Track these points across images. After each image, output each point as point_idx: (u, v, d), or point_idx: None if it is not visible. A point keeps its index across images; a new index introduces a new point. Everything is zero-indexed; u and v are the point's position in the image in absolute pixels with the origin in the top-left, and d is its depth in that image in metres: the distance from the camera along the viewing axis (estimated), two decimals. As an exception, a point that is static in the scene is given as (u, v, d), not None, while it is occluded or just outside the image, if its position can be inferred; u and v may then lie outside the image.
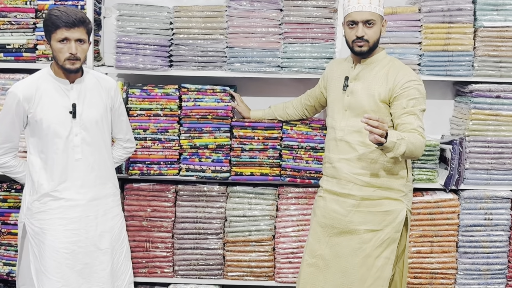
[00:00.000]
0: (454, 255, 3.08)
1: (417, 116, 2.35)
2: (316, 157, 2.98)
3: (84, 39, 2.33)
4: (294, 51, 2.98)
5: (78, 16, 2.30)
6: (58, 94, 2.39)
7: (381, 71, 2.47)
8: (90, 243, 2.45)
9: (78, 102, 2.41)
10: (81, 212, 2.43)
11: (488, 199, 3.06)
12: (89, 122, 2.44)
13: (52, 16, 2.29)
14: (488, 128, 3.05)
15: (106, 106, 2.52)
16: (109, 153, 2.58)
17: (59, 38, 2.29)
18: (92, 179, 2.46)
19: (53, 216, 2.40)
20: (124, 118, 2.66)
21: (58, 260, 2.39)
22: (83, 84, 2.45)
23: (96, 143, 2.47)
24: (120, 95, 2.63)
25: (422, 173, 3.06)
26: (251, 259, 3.08)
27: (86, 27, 2.34)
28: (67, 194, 2.41)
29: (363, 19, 2.41)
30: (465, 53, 3.00)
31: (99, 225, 2.48)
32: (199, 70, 3.00)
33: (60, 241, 2.40)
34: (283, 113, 2.98)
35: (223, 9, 2.97)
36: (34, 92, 2.37)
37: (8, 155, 2.48)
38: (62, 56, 2.31)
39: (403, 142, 2.20)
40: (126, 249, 2.64)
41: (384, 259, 2.48)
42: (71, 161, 2.41)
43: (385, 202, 2.48)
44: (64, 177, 2.41)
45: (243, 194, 3.08)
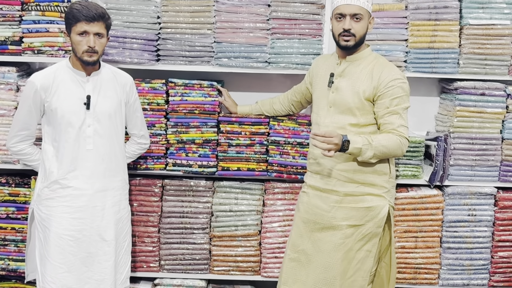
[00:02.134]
0: (438, 250, 3.11)
1: (399, 115, 2.38)
2: (302, 152, 2.99)
3: (102, 34, 2.42)
4: (281, 47, 2.98)
5: (98, 11, 2.38)
6: (74, 85, 2.47)
7: (366, 68, 2.49)
8: (95, 232, 2.51)
9: (93, 94, 2.48)
10: (88, 202, 2.49)
11: (472, 195, 3.10)
12: (102, 114, 2.50)
13: (73, 10, 2.38)
14: (473, 125, 3.08)
15: (121, 100, 2.58)
16: (121, 147, 2.63)
17: (78, 31, 2.37)
18: (101, 170, 2.52)
19: (60, 204, 2.47)
20: (139, 114, 2.72)
21: (62, 246, 2.46)
22: (99, 77, 2.51)
23: (108, 135, 2.52)
24: (135, 91, 2.69)
25: (407, 169, 3.08)
26: (237, 254, 3.09)
27: (106, 22, 2.43)
28: (75, 182, 2.48)
29: (351, 12, 2.42)
30: (451, 51, 3.02)
31: (105, 216, 2.53)
32: (186, 65, 3.00)
33: (65, 228, 2.46)
34: (270, 108, 2.99)
35: (211, 4, 2.96)
36: (51, 82, 2.44)
37: (24, 143, 2.56)
38: (81, 49, 2.39)
39: (370, 147, 2.30)
40: (128, 243, 2.69)
41: (365, 252, 2.51)
42: (82, 151, 2.47)
43: (367, 198, 2.51)
44: (74, 166, 2.47)
45: (229, 189, 3.09)
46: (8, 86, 2.91)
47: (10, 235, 3.00)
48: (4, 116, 2.92)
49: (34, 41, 2.90)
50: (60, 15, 2.88)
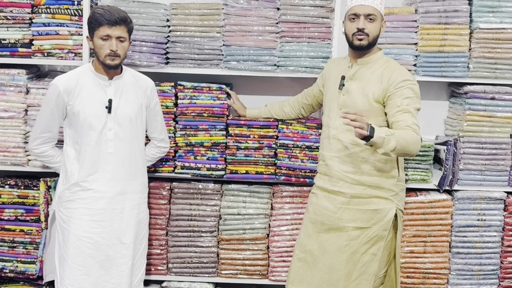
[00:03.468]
0: (447, 255, 3.10)
1: (411, 114, 2.34)
2: (311, 156, 2.98)
3: (124, 37, 2.45)
4: (290, 50, 2.98)
5: (120, 15, 2.41)
6: (97, 88, 2.49)
7: (377, 71, 2.49)
8: (114, 235, 2.52)
9: (115, 98, 2.50)
10: (107, 205, 2.51)
11: (481, 200, 3.08)
12: (123, 118, 2.52)
13: (96, 14, 2.41)
14: (483, 129, 3.06)
15: (142, 104, 2.60)
16: (142, 151, 2.65)
17: (101, 35, 2.40)
18: (121, 173, 2.54)
19: (80, 206, 2.49)
20: (159, 118, 2.74)
21: (81, 248, 2.47)
22: (121, 81, 2.54)
23: (128, 139, 2.55)
24: (156, 95, 2.72)
25: (416, 173, 3.07)
26: (245, 257, 3.08)
27: (128, 26, 2.46)
28: (95, 185, 2.50)
29: (365, 12, 2.44)
30: (461, 55, 3.01)
31: (124, 219, 2.55)
32: (195, 68, 3.00)
33: (84, 231, 2.48)
34: (279, 111, 2.99)
35: (220, 7, 2.97)
36: (74, 85, 2.47)
37: (46, 145, 2.59)
38: (103, 52, 2.42)
39: (393, 138, 2.18)
40: (144, 247, 2.70)
41: (370, 255, 2.50)
42: (103, 154, 2.49)
43: (374, 201, 2.50)
44: (95, 168, 2.49)
45: (237, 192, 3.08)
46: (17, 88, 2.92)
47: (19, 237, 3.00)
48: (14, 118, 2.93)
49: (44, 44, 2.91)
50: (70, 17, 2.89)
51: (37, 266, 3.00)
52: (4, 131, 2.95)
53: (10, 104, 2.93)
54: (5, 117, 2.93)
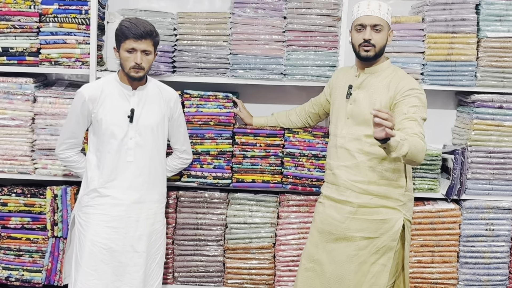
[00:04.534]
0: (455, 265, 3.07)
1: (417, 123, 2.32)
2: (318, 164, 2.97)
3: (150, 51, 2.48)
4: (297, 59, 2.98)
5: (146, 29, 2.44)
6: (120, 98, 2.53)
7: (384, 80, 2.48)
8: (128, 243, 2.54)
9: (137, 108, 2.53)
10: (124, 212, 2.53)
11: (489, 209, 3.06)
12: (145, 128, 2.55)
13: (123, 27, 2.44)
14: (490, 138, 3.05)
15: (164, 115, 2.63)
16: (162, 161, 2.66)
17: (127, 48, 2.44)
18: (139, 182, 2.56)
19: (97, 212, 2.52)
20: (182, 129, 2.76)
21: (95, 254, 2.50)
22: (145, 92, 2.57)
23: (149, 149, 2.57)
24: (180, 106, 2.74)
25: (424, 183, 3.05)
26: (251, 267, 3.07)
27: (153, 40, 2.49)
28: (113, 192, 2.52)
29: (371, 23, 2.43)
30: (468, 63, 3.00)
31: (139, 228, 2.56)
32: (202, 76, 3.00)
33: (100, 236, 2.50)
34: (286, 120, 2.98)
35: (227, 16, 2.97)
36: (99, 94, 2.52)
37: (71, 150, 2.64)
38: (128, 65, 2.45)
39: (406, 143, 2.14)
40: (161, 257, 2.70)
41: (380, 265, 2.48)
42: (122, 162, 2.52)
43: (382, 211, 2.48)
44: (114, 176, 2.52)
45: (244, 201, 3.07)
46: (25, 97, 2.93)
47: (25, 245, 3.00)
48: (21, 126, 2.94)
49: (52, 52, 2.93)
50: (77, 26, 2.91)
51: (43, 274, 3.00)
52: (11, 139, 2.96)
53: (18, 112, 2.94)
54: (12, 126, 2.94)
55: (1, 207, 3.00)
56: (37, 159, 2.98)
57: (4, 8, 2.90)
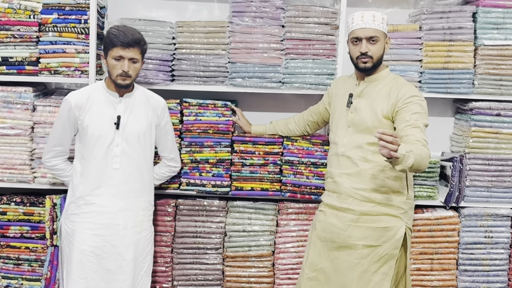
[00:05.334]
0: (454, 272, 3.07)
1: (420, 129, 2.32)
2: (316, 172, 2.98)
3: (137, 59, 2.49)
4: (295, 67, 2.99)
5: (134, 37, 2.45)
6: (107, 105, 2.53)
7: (384, 88, 2.49)
8: (115, 251, 2.53)
9: (124, 115, 2.53)
10: (110, 220, 2.53)
11: (488, 216, 3.06)
12: (131, 135, 2.55)
13: (110, 35, 2.45)
14: (489, 145, 3.05)
15: (151, 123, 2.63)
16: (149, 169, 2.66)
17: (114, 55, 2.45)
18: (126, 190, 2.55)
19: (83, 220, 2.52)
20: (169, 137, 2.76)
21: (83, 262, 2.49)
22: (132, 99, 2.58)
23: (135, 156, 2.57)
24: (167, 114, 2.74)
25: (423, 190, 3.06)
26: (250, 275, 3.07)
27: (141, 48, 2.49)
28: (99, 200, 2.52)
29: (366, 35, 2.44)
30: (466, 71, 3.01)
31: (126, 236, 2.56)
32: (200, 85, 3.02)
33: (87, 244, 2.50)
34: (284, 128, 2.99)
35: (225, 25, 2.99)
36: (85, 101, 2.52)
37: (58, 158, 2.65)
38: (115, 72, 2.46)
39: (412, 154, 2.12)
40: (148, 265, 2.69)
41: (381, 274, 2.47)
42: (108, 170, 2.52)
43: (384, 218, 2.48)
44: (99, 183, 2.51)
45: (243, 209, 3.07)
46: (24, 106, 2.94)
47: (24, 254, 3.00)
48: (20, 135, 2.94)
49: (51, 62, 2.94)
50: (76, 36, 2.92)
51: (42, 283, 3.00)
52: (11, 148, 2.96)
53: (17, 121, 2.94)
54: (12, 135, 2.94)
55: (0, 216, 2.99)
56: (36, 168, 2.98)
57: (4, 18, 2.92)
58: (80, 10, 2.93)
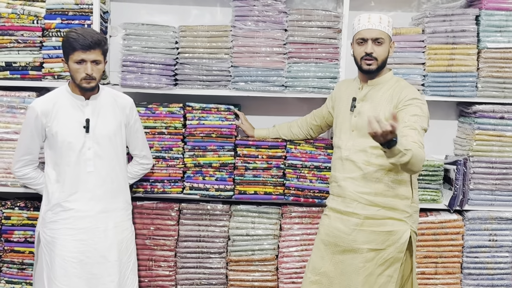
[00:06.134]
0: (458, 276, 3.06)
1: (417, 132, 2.31)
2: (320, 176, 2.97)
3: (99, 60, 2.45)
4: (298, 71, 2.99)
5: (94, 39, 2.40)
6: (74, 109, 2.51)
7: (388, 91, 2.49)
8: (99, 254, 2.52)
9: (92, 117, 2.51)
10: (90, 223, 2.51)
11: (492, 220, 3.05)
12: (102, 137, 2.53)
13: (69, 39, 2.40)
14: (492, 148, 3.05)
15: (121, 122, 2.61)
16: (122, 168, 2.65)
17: (76, 59, 2.40)
18: (102, 192, 2.54)
19: (63, 226, 2.50)
20: (139, 135, 2.75)
21: (67, 268, 2.47)
22: (98, 101, 2.55)
23: (108, 157, 2.55)
24: (136, 112, 2.72)
25: (426, 194, 3.05)
26: (254, 279, 3.06)
27: (102, 49, 2.45)
28: (77, 205, 2.50)
29: (372, 36, 2.44)
30: (469, 74, 3.01)
31: (108, 237, 2.54)
32: (203, 89, 3.02)
33: (69, 251, 2.48)
34: (287, 132, 2.99)
35: (228, 29, 2.99)
36: (51, 107, 2.49)
37: (28, 167, 2.61)
38: (79, 76, 2.43)
39: (409, 153, 2.12)
40: (133, 264, 2.69)
41: (386, 277, 2.47)
42: (83, 174, 2.50)
43: (388, 222, 2.47)
44: (75, 188, 2.50)
45: (246, 213, 3.07)
46: (28, 110, 2.94)
47: (28, 259, 3.00)
48: (24, 140, 2.95)
49: (54, 67, 2.95)
50: (80, 40, 2.92)
51: (45, 288, 3.00)
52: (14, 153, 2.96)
53: (21, 126, 2.93)
54: (15, 139, 2.94)
55: (4, 221, 3.00)
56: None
57: (8, 23, 2.93)
58: (83, 15, 2.94)
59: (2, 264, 3.02)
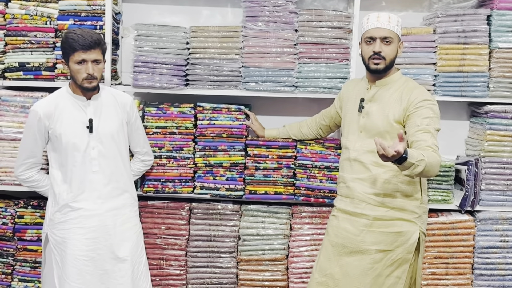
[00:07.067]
0: (469, 277, 3.05)
1: (431, 134, 2.31)
2: (330, 176, 2.97)
3: (99, 60, 2.47)
4: (308, 71, 3.00)
5: (93, 39, 2.42)
6: (76, 110, 2.53)
7: (396, 92, 2.48)
8: (109, 250, 2.55)
9: (95, 117, 2.53)
10: (99, 221, 2.54)
11: (504, 220, 3.03)
12: (105, 136, 2.55)
13: (69, 40, 2.41)
14: (504, 149, 3.03)
15: (122, 120, 2.63)
16: (126, 166, 2.68)
17: (76, 60, 2.42)
18: (109, 190, 2.57)
19: (72, 226, 2.52)
20: (140, 132, 2.78)
21: (79, 267, 2.50)
22: (99, 100, 2.57)
23: (112, 155, 2.58)
24: (136, 110, 2.75)
25: (437, 194, 3.04)
26: (264, 278, 3.07)
27: (102, 48, 2.48)
28: (85, 204, 2.53)
29: (381, 35, 2.44)
30: (480, 74, 3.00)
31: (117, 234, 2.57)
32: (214, 89, 3.03)
33: (80, 249, 2.51)
34: (297, 132, 3.00)
35: (239, 30, 3.00)
36: (53, 109, 2.51)
37: (31, 170, 2.63)
38: (80, 76, 2.45)
39: (422, 163, 2.13)
40: (145, 259, 2.72)
41: (394, 278, 2.47)
42: (89, 173, 2.53)
43: (397, 223, 2.47)
44: (82, 188, 2.52)
45: (257, 213, 3.08)
46: (41, 110, 2.97)
47: (41, 257, 3.03)
48: (37, 140, 2.98)
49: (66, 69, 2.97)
50: (92, 41, 2.95)
51: (58, 286, 3.03)
52: (28, 152, 3.00)
53: (34, 126, 2.98)
54: (29, 139, 2.98)
55: (17, 220, 3.04)
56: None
57: (21, 24, 2.97)
58: (95, 16, 2.96)
59: (16, 263, 3.06)
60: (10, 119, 2.99)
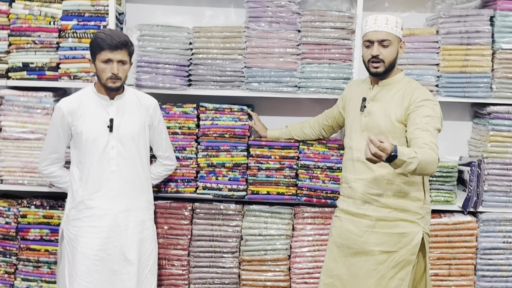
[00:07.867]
0: (472, 278, 3.04)
1: (430, 133, 2.29)
2: (332, 177, 2.97)
3: (125, 61, 2.50)
4: (311, 72, 3.00)
5: (121, 39, 2.46)
6: (99, 109, 2.55)
7: (398, 92, 2.48)
8: (119, 251, 2.56)
9: (116, 117, 2.55)
10: (112, 222, 2.55)
11: (506, 221, 3.03)
12: (126, 136, 2.56)
13: (97, 39, 2.45)
14: (507, 150, 3.02)
15: (144, 123, 2.65)
16: (145, 168, 2.68)
17: (103, 59, 2.45)
18: (125, 191, 2.57)
19: (86, 224, 2.54)
20: (163, 136, 2.78)
21: (88, 265, 2.52)
22: (123, 101, 2.59)
23: (131, 157, 2.59)
24: (160, 113, 2.75)
25: (440, 195, 3.04)
26: (266, 279, 3.07)
27: (128, 50, 2.51)
28: (99, 203, 2.54)
29: (378, 38, 2.43)
30: (483, 75, 2.99)
31: (128, 236, 2.58)
32: (217, 90, 3.04)
33: (91, 248, 2.52)
34: (300, 132, 3.00)
35: (241, 30, 3.01)
36: (77, 106, 2.54)
37: (54, 165, 2.66)
38: (105, 75, 2.47)
39: (415, 160, 2.12)
40: (153, 264, 2.71)
41: (398, 280, 2.46)
42: (106, 173, 2.54)
43: (401, 224, 2.47)
44: (98, 187, 2.54)
45: (259, 213, 3.08)
46: (44, 110, 2.99)
47: (44, 257, 3.05)
48: (41, 139, 2.99)
49: (71, 67, 2.99)
50: (95, 41, 2.96)
51: (61, 285, 3.04)
52: (31, 152, 3.01)
53: (37, 126, 3.00)
54: (32, 139, 3.00)
55: (20, 219, 3.05)
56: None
57: (25, 24, 2.98)
58: (99, 16, 2.98)
59: (18, 262, 3.07)
60: (13, 119, 3.00)
